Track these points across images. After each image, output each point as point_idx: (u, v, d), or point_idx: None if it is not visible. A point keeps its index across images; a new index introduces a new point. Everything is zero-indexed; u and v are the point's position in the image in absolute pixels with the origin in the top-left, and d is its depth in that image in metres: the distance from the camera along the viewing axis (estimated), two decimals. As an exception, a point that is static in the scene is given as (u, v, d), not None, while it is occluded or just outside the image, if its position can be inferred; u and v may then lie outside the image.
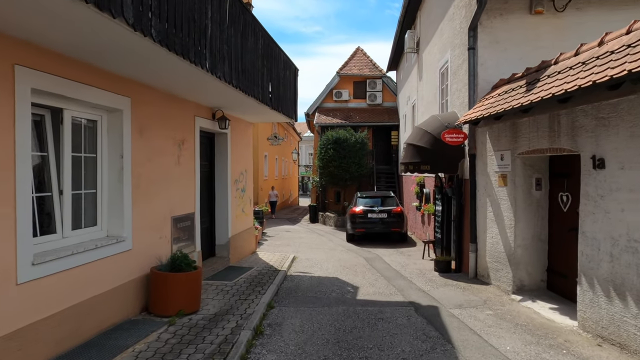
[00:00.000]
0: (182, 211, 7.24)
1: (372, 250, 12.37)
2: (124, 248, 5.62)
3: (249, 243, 10.71)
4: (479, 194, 8.21)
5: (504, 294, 7.22)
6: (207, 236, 9.03)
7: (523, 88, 6.43)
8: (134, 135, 5.82)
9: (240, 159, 10.11)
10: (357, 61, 23.41)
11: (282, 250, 11.92)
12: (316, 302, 6.89)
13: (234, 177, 9.64)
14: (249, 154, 10.86)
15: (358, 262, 10.44)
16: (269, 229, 16.95)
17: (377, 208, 13.50)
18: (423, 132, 9.47)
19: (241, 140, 10.17)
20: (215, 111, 8.49)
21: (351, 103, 22.77)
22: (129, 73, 5.50)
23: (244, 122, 10.38)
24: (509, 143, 7.17)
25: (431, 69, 12.51)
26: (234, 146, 9.65)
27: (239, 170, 9.99)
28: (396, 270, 9.53)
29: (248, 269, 8.99)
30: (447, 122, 8.78)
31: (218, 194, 9.26)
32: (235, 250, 9.63)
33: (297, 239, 14.39)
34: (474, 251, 8.28)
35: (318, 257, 11.01)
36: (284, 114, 9.54)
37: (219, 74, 5.74)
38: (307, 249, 12.34)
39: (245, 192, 10.51)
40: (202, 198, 8.58)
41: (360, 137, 19.02)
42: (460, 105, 9.30)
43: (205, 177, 8.92)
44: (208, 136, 8.99)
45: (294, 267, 9.64)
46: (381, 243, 13.58)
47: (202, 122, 8.02)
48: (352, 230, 13.65)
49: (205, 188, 8.91)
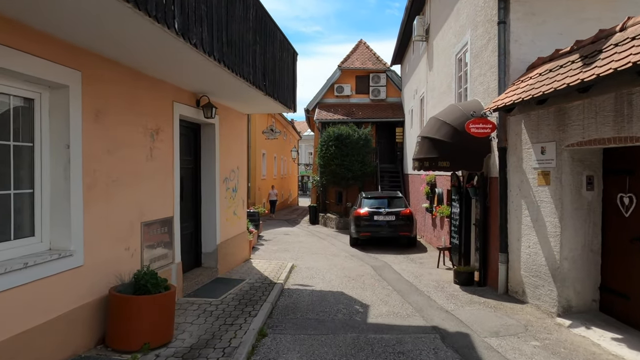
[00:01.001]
0: (157, 215, 5.92)
1: (379, 256, 11.06)
2: (72, 264, 4.31)
3: (242, 250, 9.39)
4: (512, 195, 6.90)
5: (547, 316, 5.90)
6: (191, 243, 7.71)
7: (578, 63, 5.11)
8: (86, 119, 4.50)
9: (231, 155, 8.80)
10: (360, 54, 22.08)
11: (280, 257, 10.60)
12: (319, 327, 5.57)
13: (223, 175, 8.32)
14: (242, 149, 9.54)
15: (365, 272, 9.13)
16: (266, 232, 15.63)
17: (383, 210, 12.18)
18: (441, 124, 8.16)
19: (232, 133, 8.85)
20: (200, 97, 7.17)
21: (353, 98, 21.44)
22: (78, 39, 4.19)
23: (236, 113, 9.06)
24: (553, 133, 5.85)
25: (445, 55, 11.20)
26: (224, 139, 8.33)
27: (229, 167, 8.67)
28: (409, 282, 8.21)
29: (239, 281, 7.67)
30: (471, 111, 7.46)
31: (204, 195, 7.94)
32: (225, 259, 8.31)
33: (297, 243, 13.08)
34: (504, 262, 6.96)
35: (319, 266, 9.69)
36: (281, 103, 8.22)
37: (195, 40, 4.43)
38: (307, 255, 11.03)
39: (238, 192, 9.20)
40: (185, 199, 7.26)
41: (363, 133, 17.70)
42: (484, 91, 7.99)
43: (189, 175, 7.60)
44: (192, 127, 7.67)
45: (293, 279, 8.32)
46: (388, 248, 12.27)
47: (183, 110, 6.70)
48: (356, 234, 12.34)
49: (189, 187, 7.59)
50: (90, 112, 4.58)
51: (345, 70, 21.29)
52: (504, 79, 6.91)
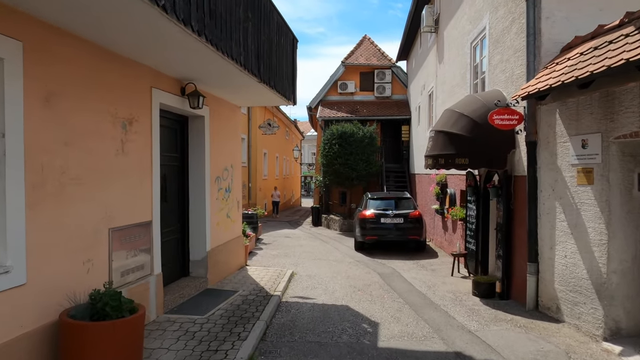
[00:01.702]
0: (131, 219, 5.01)
1: (387, 262, 10.11)
2: (9, 283, 3.39)
3: (236, 256, 8.47)
4: (543, 196, 5.94)
5: (590, 339, 4.95)
6: (177, 250, 6.80)
7: (634, 36, 4.17)
8: (31, 103, 3.59)
9: (224, 151, 7.88)
10: (364, 50, 21.14)
11: (279, 263, 9.68)
12: (320, 354, 4.64)
13: (214, 174, 7.41)
14: (237, 145, 8.62)
15: (372, 280, 8.19)
16: (266, 235, 14.71)
17: (391, 212, 11.23)
18: (458, 116, 7.22)
19: (225, 127, 7.93)
20: (185, 84, 6.25)
21: (357, 96, 20.50)
22: (19, 2, 3.30)
23: (229, 105, 8.15)
24: (598, 123, 4.90)
25: (458, 45, 10.25)
26: (215, 134, 7.42)
27: (221, 165, 7.76)
28: (423, 293, 7.27)
29: (231, 293, 6.75)
30: (493, 101, 6.52)
31: (193, 195, 7.02)
32: (216, 267, 7.40)
33: (298, 247, 12.15)
34: (533, 274, 6.00)
35: (322, 273, 8.76)
36: (279, 93, 7.30)
37: (164, 1, 3.51)
38: (309, 261, 10.09)
39: (232, 192, 8.28)
40: (169, 200, 6.36)
41: (368, 131, 16.74)
42: (506, 80, 7.04)
43: (174, 173, 6.69)
44: (178, 120, 6.75)
45: (292, 289, 7.40)
46: (396, 253, 11.32)
47: (165, 97, 5.79)
48: (361, 238, 11.39)
49: (174, 187, 6.68)
50: (38, 94, 3.67)
51: (349, 66, 20.35)
52: (534, 63, 5.96)
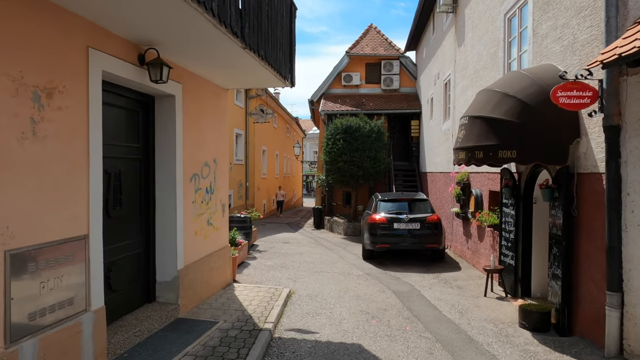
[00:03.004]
0: (47, 235, 3.39)
1: (402, 276, 8.48)
2: None
3: (221, 272, 6.85)
4: (631, 201, 4.29)
5: None
6: (137, 270, 5.19)
7: None
8: None
9: (204, 143, 6.27)
10: (370, 40, 19.47)
11: (274, 278, 8.06)
12: None
13: (189, 171, 5.79)
14: (222, 136, 6.98)
15: (388, 303, 6.57)
16: (263, 240, 13.09)
17: (405, 216, 9.59)
18: (500, 97, 5.58)
19: (207, 113, 6.32)
20: (145, 51, 4.64)
21: (363, 88, 18.84)
22: None
23: (211, 87, 6.53)
24: None
25: (485, 20, 8.62)
26: (192, 120, 5.81)
27: (200, 159, 6.14)
28: (454, 323, 5.65)
29: (208, 325, 5.14)
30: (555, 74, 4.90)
31: (160, 198, 5.41)
32: (192, 288, 5.78)
33: (297, 256, 10.52)
34: (615, 307, 4.35)
35: (326, 292, 7.14)
36: (272, 68, 5.69)
37: None
38: (310, 275, 8.47)
39: (215, 193, 6.66)
40: (125, 204, 4.76)
41: (375, 125, 15.08)
42: (563, 49, 5.41)
43: (132, 169, 5.07)
44: (140, 100, 5.14)
45: (288, 317, 5.78)
46: (411, 263, 9.69)
47: (112, 65, 4.18)
48: (371, 246, 9.75)
49: (134, 188, 5.07)
50: None
51: (353, 56, 18.69)
52: (616, 19, 4.33)
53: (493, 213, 8.06)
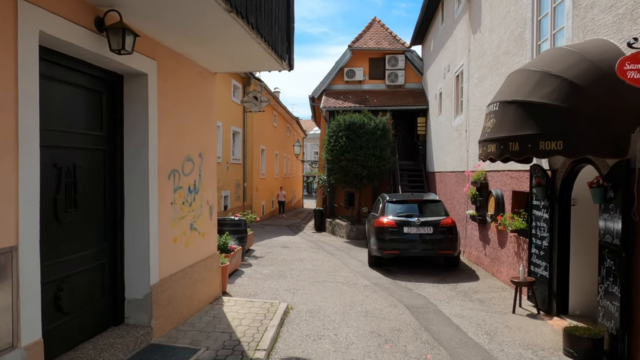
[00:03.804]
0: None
1: (414, 286, 7.51)
2: None
3: (207, 284, 5.87)
4: None
5: None
6: (99, 286, 4.21)
7: None
8: None
9: (187, 133, 5.30)
10: (374, 33, 18.51)
11: (270, 289, 7.09)
12: None
13: (167, 166, 4.82)
14: (210, 126, 6.01)
15: (401, 321, 5.60)
16: (260, 244, 12.12)
17: (416, 219, 8.61)
18: (540, 77, 4.62)
19: (190, 98, 5.36)
20: (105, 13, 3.68)
21: (366, 84, 17.87)
22: None
23: (196, 68, 5.56)
24: None
25: (507, 1, 7.66)
26: (170, 106, 4.84)
27: (181, 152, 5.17)
28: (483, 348, 4.68)
29: (187, 353, 4.17)
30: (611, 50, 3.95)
31: (130, 198, 4.45)
32: (171, 306, 4.81)
33: (296, 263, 9.55)
34: (703, 337, 3.39)
35: (329, 307, 6.18)
36: (267, 43, 4.74)
37: None
38: (311, 285, 7.50)
39: (201, 193, 5.69)
40: (82, 206, 3.80)
41: (381, 121, 14.10)
42: (618, 19, 4.44)
43: (95, 163, 4.10)
44: (102, 78, 4.17)
45: (284, 341, 4.81)
46: (422, 270, 8.72)
47: (52, 25, 3.21)
48: (378, 252, 8.77)
49: (95, 186, 4.10)
50: None
51: (356, 51, 17.72)
52: None
53: (517, 216, 7.10)
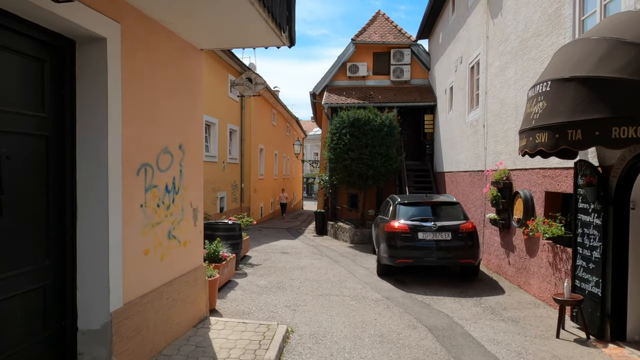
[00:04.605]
0: None
1: (432, 301, 6.49)
2: None
3: (190, 304, 4.84)
4: None
5: None
6: (42, 314, 3.18)
7: None
8: None
9: (163, 119, 4.27)
10: (378, 27, 17.51)
11: (267, 305, 6.07)
12: None
13: (136, 159, 3.79)
14: (193, 112, 4.98)
15: (425, 348, 4.59)
16: (257, 250, 11.09)
17: (432, 223, 7.58)
18: (610, 47, 3.61)
19: (167, 76, 4.33)
20: (36, -55, 2.67)
21: (370, 80, 16.86)
22: None
23: (175, 40, 4.53)
24: None
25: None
26: (139, 82, 3.82)
27: (155, 142, 4.14)
28: (536, 391, 3.67)
29: (154, 403, 3.14)
30: None
31: (83, 200, 3.42)
32: (140, 335, 3.78)
33: (297, 271, 8.52)
34: None
35: (336, 330, 5.15)
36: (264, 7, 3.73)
37: None
38: (314, 300, 6.48)
39: (182, 192, 4.67)
40: (9, 210, 2.77)
41: (387, 118, 13.08)
42: None
43: (29, 153, 3.08)
44: (43, 42, 3.15)
45: (283, 379, 3.80)
46: (437, 279, 7.70)
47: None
48: (389, 260, 7.74)
49: (34, 184, 3.08)
50: None
51: (360, 45, 16.71)
52: None
53: (553, 221, 6.11)
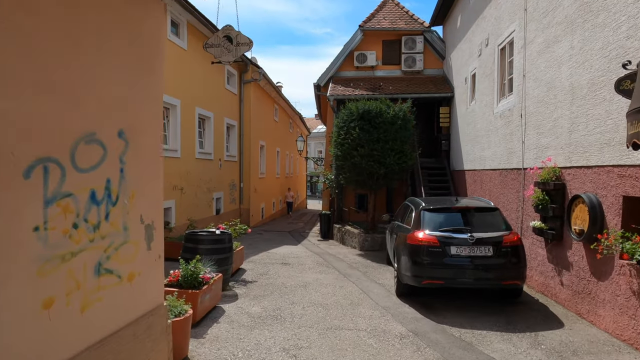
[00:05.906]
0: None
1: (473, 337, 4.92)
2: None
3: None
4: None
5: None
6: None
7: None
8: None
9: (87, 92, 2.70)
10: (388, 12, 15.89)
11: (259, 347, 4.50)
12: None
13: (22, 153, 2.24)
14: (145, 86, 3.43)
15: None
16: (255, 258, 9.53)
17: (468, 235, 5.98)
18: None
19: (96, 28, 2.76)
20: None
21: (379, 70, 15.25)
22: None
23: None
24: None
25: None
26: (35, 30, 2.27)
27: (70, 126, 2.57)
28: None
29: None
30: None
31: None
32: None
33: (300, 291, 6.96)
34: None
35: (352, 393, 3.60)
36: None
37: None
38: (320, 338, 4.91)
39: (123, 202, 3.11)
40: None
41: (401, 109, 11.48)
42: None
43: None
44: None
45: None
46: (471, 302, 6.12)
47: None
48: (413, 280, 6.14)
49: None
50: None
51: (368, 32, 15.10)
52: None
53: (637, 235, 4.52)
